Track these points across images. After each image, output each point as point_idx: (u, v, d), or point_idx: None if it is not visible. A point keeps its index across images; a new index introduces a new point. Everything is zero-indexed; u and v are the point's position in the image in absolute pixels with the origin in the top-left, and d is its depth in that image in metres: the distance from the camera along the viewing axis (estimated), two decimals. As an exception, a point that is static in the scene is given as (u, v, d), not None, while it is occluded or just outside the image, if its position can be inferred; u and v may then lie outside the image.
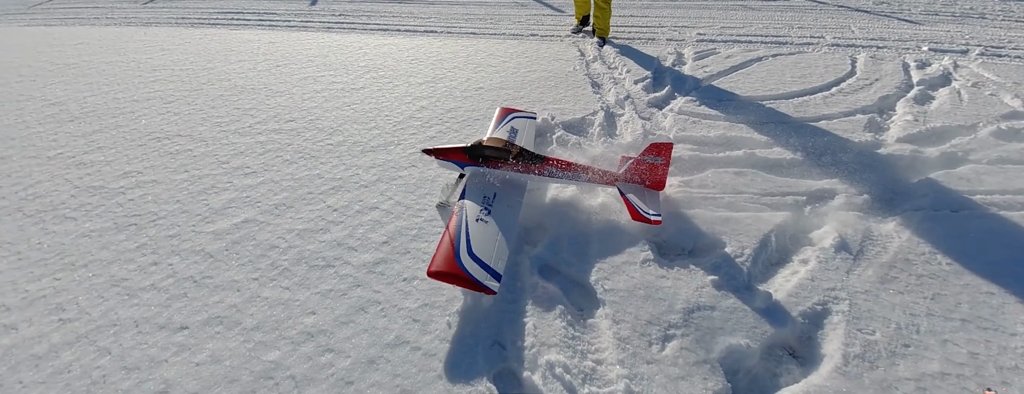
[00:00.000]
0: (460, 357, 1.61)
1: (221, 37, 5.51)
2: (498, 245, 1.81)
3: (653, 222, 1.99)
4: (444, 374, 1.56)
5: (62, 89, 4.17)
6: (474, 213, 1.95)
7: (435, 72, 4.12)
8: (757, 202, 2.26)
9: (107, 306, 1.88)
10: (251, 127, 3.25)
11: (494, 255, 1.76)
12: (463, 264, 1.69)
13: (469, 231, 1.84)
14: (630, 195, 2.13)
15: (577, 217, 2.22)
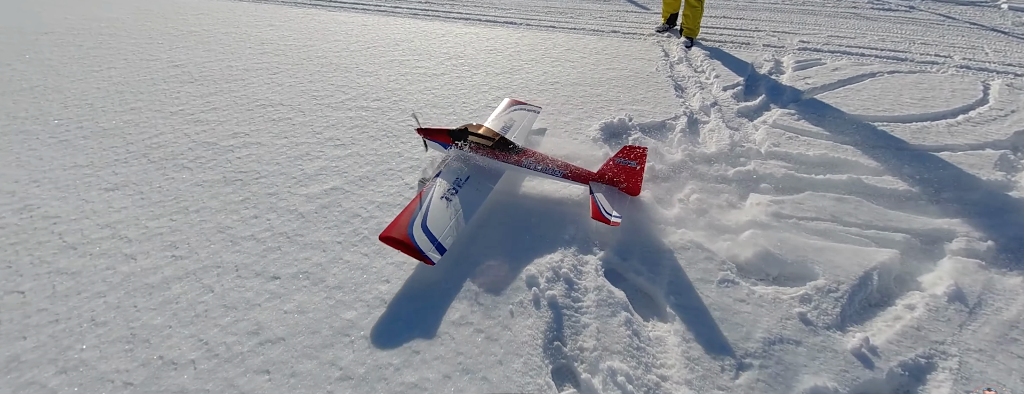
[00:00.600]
0: (520, 347, 1.63)
1: (320, 17, 5.93)
2: (453, 223, 1.96)
3: (611, 223, 1.96)
4: (504, 360, 1.59)
5: (184, 53, 4.73)
6: (442, 191, 2.08)
7: (512, 64, 4.15)
8: (860, 234, 2.04)
9: (213, 249, 2.13)
10: (342, 102, 3.49)
11: (445, 231, 1.91)
12: (413, 234, 1.86)
13: (430, 206, 2.00)
14: (598, 194, 2.12)
15: (651, 227, 2.13)
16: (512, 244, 2.07)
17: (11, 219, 2.42)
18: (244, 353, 1.66)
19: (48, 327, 1.80)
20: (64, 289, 1.96)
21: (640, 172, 2.17)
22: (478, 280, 1.90)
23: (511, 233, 2.13)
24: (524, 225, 2.17)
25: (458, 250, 2.04)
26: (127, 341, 1.72)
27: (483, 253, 2.03)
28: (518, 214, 2.25)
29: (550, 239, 2.08)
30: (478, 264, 1.97)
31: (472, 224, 2.18)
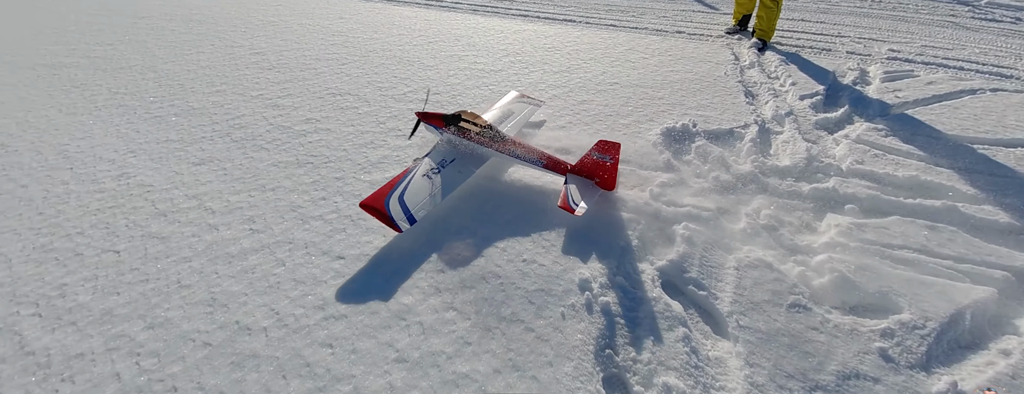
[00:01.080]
0: (571, 351, 1.62)
1: (386, 11, 6.15)
2: (429, 199, 2.12)
3: (575, 213, 2.02)
4: (554, 362, 1.59)
5: (264, 42, 5.07)
6: (425, 170, 2.26)
7: (570, 62, 4.10)
8: (953, 268, 1.84)
9: (286, 226, 2.27)
10: (405, 94, 3.60)
11: (419, 205, 2.08)
12: (389, 205, 2.04)
13: (410, 182, 2.18)
14: (571, 186, 2.17)
15: (714, 240, 2.04)
16: (565, 246, 2.05)
17: (110, 185, 2.70)
18: (310, 326, 1.76)
19: (139, 285, 2.00)
20: (155, 252, 2.17)
21: (614, 167, 2.19)
22: (529, 279, 1.90)
23: (565, 236, 2.11)
24: (578, 229, 2.14)
25: (510, 248, 2.05)
26: (208, 304, 1.88)
27: (537, 253, 2.02)
28: (570, 217, 2.22)
29: (604, 244, 2.05)
30: (532, 263, 1.98)
31: (527, 224, 2.18)
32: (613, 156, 2.16)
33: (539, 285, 1.87)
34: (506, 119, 2.77)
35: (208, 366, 1.64)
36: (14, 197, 2.67)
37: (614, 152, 2.15)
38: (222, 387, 1.57)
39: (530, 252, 2.04)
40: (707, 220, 2.13)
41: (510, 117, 2.81)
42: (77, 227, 2.36)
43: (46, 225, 2.41)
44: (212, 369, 1.63)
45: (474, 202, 2.35)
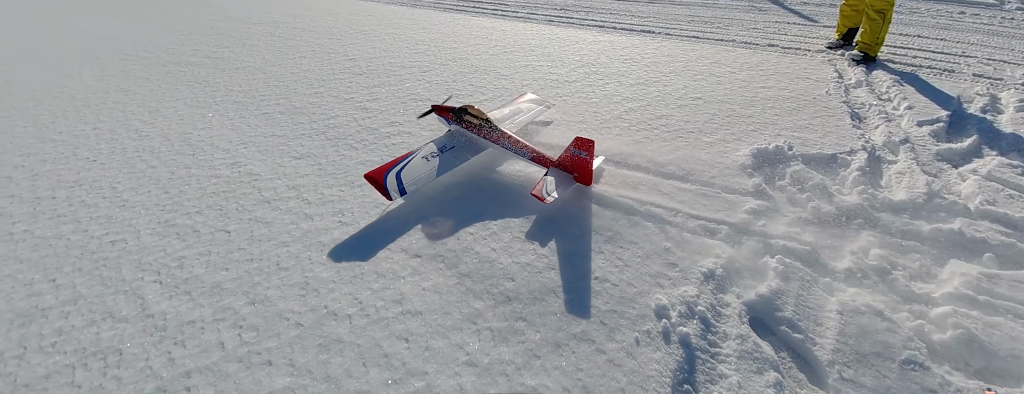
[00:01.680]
0: (645, 381, 1.55)
1: (464, 22, 6.41)
2: (423, 176, 2.44)
3: (544, 200, 2.21)
4: (627, 390, 1.53)
5: (356, 49, 5.50)
6: (425, 152, 2.58)
7: (649, 75, 3.99)
8: None
9: (370, 220, 2.43)
10: (480, 103, 3.72)
11: (412, 181, 2.40)
12: (387, 178, 2.38)
13: (410, 161, 2.50)
14: (549, 178, 2.36)
15: (817, 277, 1.86)
16: (640, 267, 1.98)
17: (224, 171, 3.06)
18: (389, 318, 1.86)
19: (244, 264, 2.24)
20: (259, 234, 2.42)
21: (589, 163, 2.31)
22: (601, 298, 1.86)
23: (640, 256, 2.04)
24: (656, 250, 2.06)
25: (581, 264, 2.02)
26: (301, 287, 2.05)
27: (610, 271, 1.98)
28: (650, 236, 2.14)
29: (685, 269, 1.95)
30: (603, 281, 1.93)
31: (600, 239, 2.14)
32: (588, 152, 2.28)
33: (611, 306, 1.82)
34: (513, 116, 3.05)
35: (299, 345, 1.78)
36: (145, 176, 3.11)
37: (589, 149, 2.26)
38: (310, 366, 1.70)
39: (602, 269, 1.99)
40: (805, 255, 1.95)
41: (517, 114, 3.08)
42: (196, 207, 2.70)
43: (170, 203, 2.78)
44: (302, 348, 1.77)
45: (543, 217, 2.35)
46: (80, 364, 1.81)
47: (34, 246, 2.53)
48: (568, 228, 2.24)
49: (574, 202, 2.41)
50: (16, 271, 2.36)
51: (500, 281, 1.99)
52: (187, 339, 1.86)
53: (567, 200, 2.42)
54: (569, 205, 2.39)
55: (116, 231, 2.55)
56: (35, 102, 4.84)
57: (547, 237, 2.20)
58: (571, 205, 2.39)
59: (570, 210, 2.36)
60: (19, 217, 2.81)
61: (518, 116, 3.05)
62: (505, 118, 2.98)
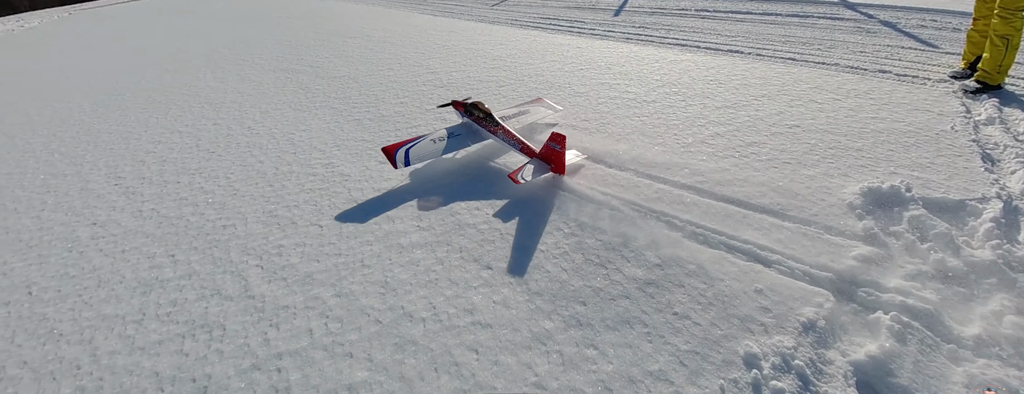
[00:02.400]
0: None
1: (541, 39, 6.55)
2: (427, 155, 2.94)
3: (516, 181, 2.58)
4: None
5: (438, 63, 5.82)
6: (434, 137, 3.09)
7: (737, 98, 3.76)
8: None
9: (445, 228, 2.51)
10: (555, 119, 3.73)
11: (418, 157, 2.91)
12: (397, 152, 2.90)
13: (419, 142, 3.01)
14: (529, 165, 2.73)
15: (939, 342, 1.60)
16: (729, 307, 1.84)
17: (320, 170, 3.34)
18: (460, 327, 1.89)
19: (333, 258, 2.41)
20: (347, 231, 2.60)
21: (562, 154, 2.66)
22: (682, 336, 1.74)
23: (727, 294, 1.90)
24: (747, 290, 1.90)
25: (660, 295, 1.92)
26: (381, 286, 2.16)
27: (692, 308, 1.85)
28: (739, 274, 1.98)
29: (780, 315, 1.77)
30: (684, 318, 1.81)
31: (682, 272, 2.03)
32: (561, 145, 2.64)
33: (693, 346, 1.70)
34: (518, 115, 3.47)
35: (377, 341, 1.87)
36: (254, 170, 3.49)
37: (562, 143, 2.63)
38: (386, 364, 1.77)
39: (683, 305, 1.87)
40: (925, 315, 1.69)
41: (523, 114, 3.49)
42: (294, 201, 2.97)
43: (274, 195, 3.09)
44: (380, 345, 1.85)
45: (618, 241, 2.28)
46: (189, 334, 2.04)
47: (159, 223, 2.93)
48: (645, 255, 2.14)
49: (655, 231, 2.31)
50: (142, 244, 2.74)
51: (571, 303, 1.95)
52: (281, 322, 2.03)
53: (644, 226, 2.33)
54: (647, 230, 2.30)
55: (227, 217, 2.87)
56: (166, 98, 5.69)
57: (622, 262, 2.12)
58: (649, 230, 2.30)
59: (648, 236, 2.26)
60: (148, 197, 3.28)
61: (523, 116, 3.49)
62: (510, 116, 3.43)
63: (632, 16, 7.33)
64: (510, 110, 3.52)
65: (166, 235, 2.77)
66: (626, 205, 2.50)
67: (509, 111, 3.50)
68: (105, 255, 2.65)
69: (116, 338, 2.05)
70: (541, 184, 2.79)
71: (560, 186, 2.74)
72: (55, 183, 3.69)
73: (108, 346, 2.02)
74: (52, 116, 5.56)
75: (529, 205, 2.62)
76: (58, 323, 2.20)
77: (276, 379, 1.76)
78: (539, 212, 2.55)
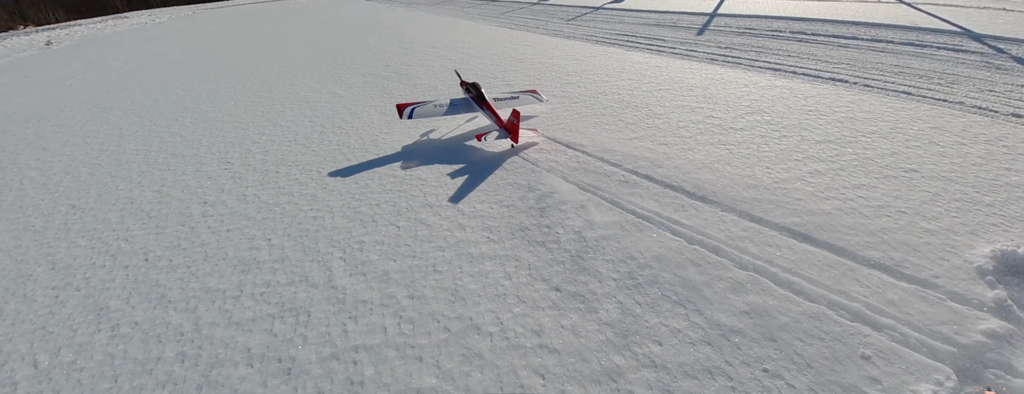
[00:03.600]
0: None
1: (617, 56, 6.47)
2: (427, 114, 3.91)
3: (479, 139, 3.50)
4: None
5: (512, 75, 5.95)
6: (438, 103, 4.03)
7: (841, 132, 3.43)
8: None
9: (514, 243, 2.52)
10: (631, 140, 3.65)
11: (419, 114, 3.89)
12: (405, 109, 3.95)
13: (424, 105, 4.00)
14: (493, 132, 3.61)
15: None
16: (832, 374, 1.65)
17: (399, 173, 3.52)
18: (527, 348, 1.87)
19: (408, 260, 2.51)
20: (422, 235, 2.70)
21: (517, 127, 3.53)
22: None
23: (831, 358, 1.70)
24: (851, 355, 1.70)
25: (751, 353, 1.77)
26: (452, 293, 2.21)
27: (786, 369, 1.69)
28: (842, 335, 1.78)
29: (891, 389, 1.55)
30: (778, 378, 1.65)
31: (773, 326, 1.86)
32: (517, 120, 3.51)
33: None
34: (508, 100, 4.30)
35: (446, 350, 1.90)
36: (341, 167, 3.76)
37: (518, 118, 3.50)
38: (453, 374, 1.79)
39: (775, 362, 1.71)
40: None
41: (512, 100, 4.30)
42: (376, 200, 3.15)
43: (358, 192, 3.30)
44: (448, 354, 1.88)
45: (703, 286, 2.14)
46: (278, 316, 2.21)
47: (259, 208, 3.24)
48: (730, 299, 2.00)
49: (743, 273, 2.15)
50: (244, 226, 3.03)
51: (645, 341, 1.85)
52: (359, 316, 2.14)
53: (731, 278, 2.18)
54: (732, 276, 2.14)
55: (318, 208, 3.11)
56: (270, 94, 6.33)
57: (704, 304, 1.99)
58: (734, 276, 2.14)
59: (732, 281, 2.11)
60: (251, 183, 3.64)
61: (513, 101, 4.28)
62: (500, 98, 4.30)
63: (717, 36, 7.02)
64: (503, 94, 4.40)
65: (265, 220, 3.05)
66: (709, 240, 2.36)
67: (502, 95, 4.39)
68: (213, 232, 2.98)
69: (216, 311, 2.29)
70: (611, 216, 2.72)
71: (635, 213, 2.66)
72: (174, 162, 4.23)
73: (209, 317, 2.25)
74: (175, 102, 6.42)
75: (600, 231, 2.56)
76: (168, 290, 2.50)
77: (351, 372, 1.86)
78: (612, 238, 2.48)
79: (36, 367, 2.07)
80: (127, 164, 4.27)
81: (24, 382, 2.00)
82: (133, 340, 2.16)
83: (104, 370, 2.01)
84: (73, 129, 5.63)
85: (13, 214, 3.54)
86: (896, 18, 6.80)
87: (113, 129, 5.44)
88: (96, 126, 5.64)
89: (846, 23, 6.79)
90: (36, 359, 2.12)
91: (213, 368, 1.95)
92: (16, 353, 2.16)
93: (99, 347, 2.14)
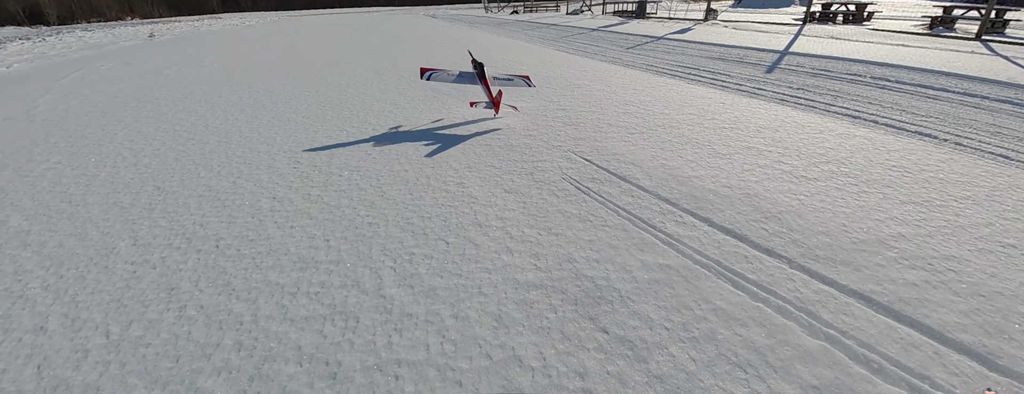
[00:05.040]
0: None
1: (678, 88, 6.37)
2: (440, 79, 5.13)
3: (471, 105, 5.06)
4: None
5: (568, 101, 6.00)
6: (451, 72, 5.23)
7: (929, 194, 3.14)
8: None
9: (562, 275, 2.48)
10: (690, 179, 3.53)
11: (435, 78, 5.12)
12: (426, 72, 5.13)
13: (439, 72, 5.16)
14: (483, 103, 5.03)
15: None
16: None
17: (452, 188, 3.60)
18: (569, 390, 1.80)
19: (454, 278, 2.53)
20: (470, 253, 2.72)
21: (499, 102, 4.95)
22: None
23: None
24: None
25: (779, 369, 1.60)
26: (495, 319, 2.19)
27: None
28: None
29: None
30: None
31: None
32: (500, 98, 4.95)
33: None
34: (503, 80, 5.30)
35: (486, 378, 1.88)
36: (398, 177, 3.90)
37: (501, 97, 4.93)
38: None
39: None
40: None
41: (508, 80, 5.31)
42: (428, 213, 3.23)
43: (412, 203, 3.40)
44: (488, 383, 1.86)
45: (763, 338, 1.99)
46: (329, 318, 2.29)
47: (321, 209, 3.41)
48: (797, 369, 1.84)
49: (812, 341, 1.98)
50: (306, 225, 3.19)
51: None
52: (404, 329, 2.17)
53: (800, 345, 2.01)
54: (801, 343, 1.98)
55: (374, 215, 3.24)
56: (341, 100, 6.75)
57: (768, 372, 1.84)
58: (804, 344, 1.98)
59: (801, 349, 1.94)
60: (316, 183, 3.85)
61: (505, 80, 5.30)
62: (498, 77, 5.36)
63: (788, 75, 6.75)
64: (500, 75, 5.43)
65: (325, 221, 3.21)
66: (776, 299, 2.20)
67: (500, 75, 5.42)
68: (278, 227, 3.16)
69: (274, 305, 2.40)
70: (665, 258, 2.61)
71: (692, 258, 2.54)
72: (250, 157, 4.57)
73: (267, 310, 2.37)
74: (256, 101, 6.99)
75: (653, 273, 2.47)
76: (233, 278, 2.66)
77: (393, 386, 1.87)
78: (665, 282, 2.38)
79: (107, 337, 2.25)
80: (209, 154, 4.67)
81: (95, 350, 2.17)
82: (198, 323, 2.31)
83: (168, 349, 2.15)
84: (165, 116, 6.27)
85: (105, 189, 3.94)
86: (993, 72, 6.25)
87: (199, 120, 5.99)
88: (185, 116, 6.24)
89: (934, 73, 6.32)
90: (108, 329, 2.30)
91: (265, 362, 2.03)
92: (91, 321, 2.36)
93: (166, 326, 2.30)
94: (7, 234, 3.27)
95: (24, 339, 2.25)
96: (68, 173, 4.36)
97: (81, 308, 2.46)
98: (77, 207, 3.63)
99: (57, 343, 2.21)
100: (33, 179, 4.25)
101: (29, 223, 3.41)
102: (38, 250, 3.04)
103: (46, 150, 5.09)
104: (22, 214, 3.56)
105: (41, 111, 7.04)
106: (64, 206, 3.66)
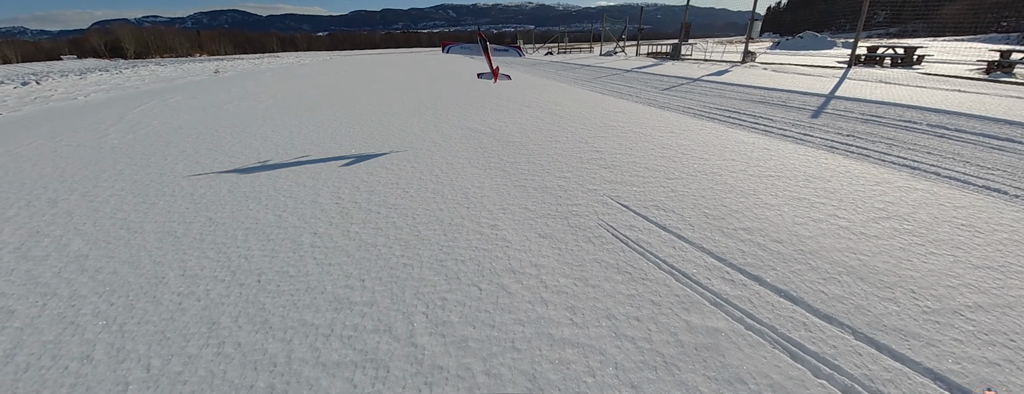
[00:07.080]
0: None
1: (717, 132, 6.28)
2: (458, 51, 6.31)
3: (478, 75, 7.08)
4: None
5: (604, 143, 6.02)
6: (466, 47, 6.27)
7: (1005, 258, 2.84)
8: None
9: (601, 333, 2.35)
10: (735, 232, 3.37)
11: (454, 50, 6.26)
12: (446, 46, 6.29)
13: (458, 46, 6.27)
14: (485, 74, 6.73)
15: None
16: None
17: (486, 231, 3.58)
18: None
19: (487, 329, 2.44)
20: (503, 303, 2.64)
21: (497, 72, 6.55)
22: None
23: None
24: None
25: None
26: (530, 380, 2.07)
27: None
28: None
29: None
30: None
31: None
32: (498, 70, 6.55)
33: None
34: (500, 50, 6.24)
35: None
36: (433, 217, 3.94)
37: (497, 71, 6.56)
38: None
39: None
40: None
41: (503, 51, 6.25)
42: (461, 257, 3.22)
43: (447, 244, 3.40)
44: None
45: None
46: (360, 365, 2.24)
47: (359, 246, 3.46)
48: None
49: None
50: (343, 262, 3.24)
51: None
52: (434, 383, 2.09)
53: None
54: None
55: (408, 256, 3.25)
56: (382, 138, 7.07)
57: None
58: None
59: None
60: (355, 220, 3.95)
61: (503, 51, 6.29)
62: (496, 47, 6.17)
63: (836, 120, 6.53)
64: (497, 46, 6.23)
65: (362, 259, 3.25)
66: (840, 376, 1.98)
67: (497, 46, 6.23)
68: (317, 264, 3.22)
69: (308, 348, 2.39)
70: (713, 321, 2.44)
71: (743, 322, 2.36)
72: (296, 191, 4.79)
73: (300, 353, 2.36)
74: (305, 136, 7.44)
75: (700, 338, 2.30)
76: (271, 315, 2.68)
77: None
78: (714, 348, 2.20)
79: (148, 370, 2.29)
80: (259, 186, 4.94)
81: (135, 384, 2.20)
82: (234, 362, 2.32)
83: (203, 388, 2.15)
84: (222, 148, 6.75)
85: (161, 217, 4.20)
86: (1069, 121, 5.80)
87: (252, 153, 6.41)
88: (240, 148, 6.70)
89: (998, 121, 5.94)
90: (150, 362, 2.34)
91: (294, 411, 1.99)
92: (135, 353, 2.42)
93: (204, 363, 2.32)
94: (67, 257, 3.50)
95: (70, 367, 2.33)
96: (129, 200, 4.70)
97: (127, 338, 2.53)
98: (134, 234, 3.87)
99: (100, 374, 2.27)
100: (97, 205, 4.60)
101: (89, 248, 3.64)
102: (94, 276, 3.21)
103: (112, 177, 5.55)
104: (83, 238, 3.82)
105: (111, 139, 7.76)
106: (122, 233, 3.91)
